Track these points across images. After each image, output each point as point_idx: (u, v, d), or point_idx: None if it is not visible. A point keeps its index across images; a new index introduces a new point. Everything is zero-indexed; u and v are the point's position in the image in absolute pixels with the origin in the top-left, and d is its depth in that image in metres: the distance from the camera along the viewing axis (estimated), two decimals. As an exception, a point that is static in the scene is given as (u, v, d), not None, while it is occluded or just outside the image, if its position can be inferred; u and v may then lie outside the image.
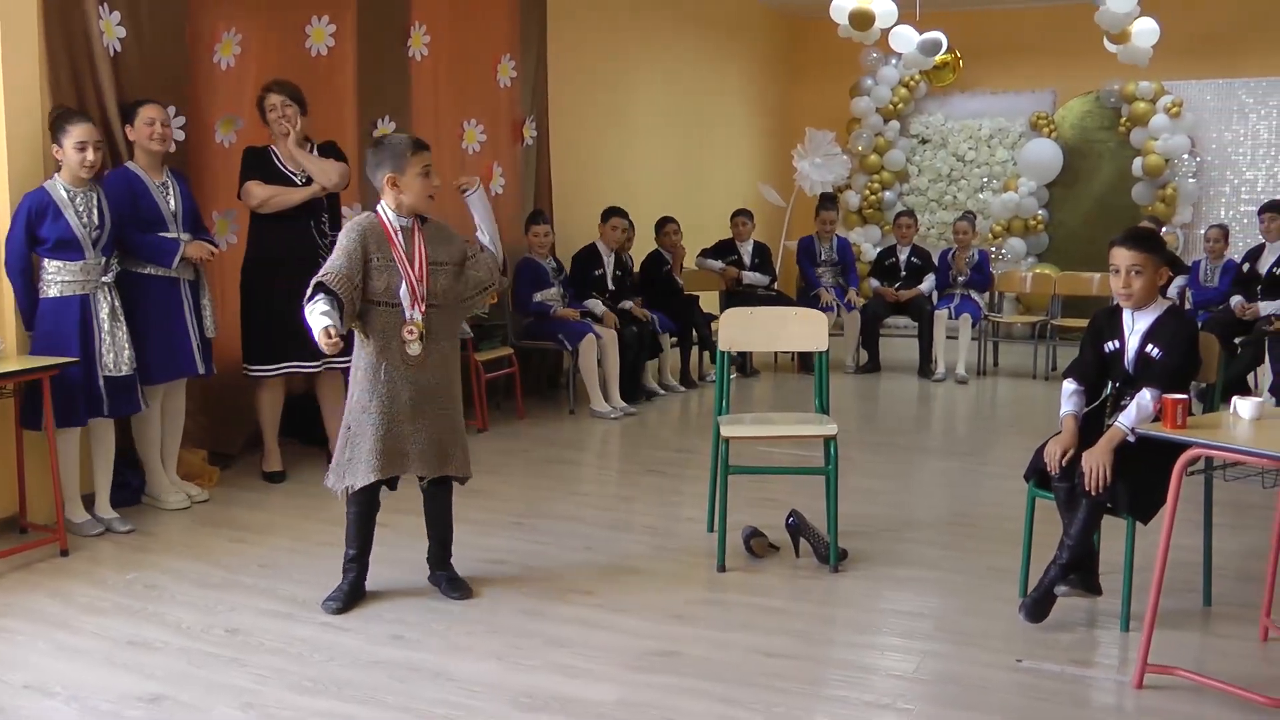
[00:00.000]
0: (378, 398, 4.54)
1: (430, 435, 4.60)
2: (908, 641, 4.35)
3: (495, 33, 8.96)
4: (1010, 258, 13.38)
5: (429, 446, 4.61)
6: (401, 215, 4.60)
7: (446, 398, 4.67)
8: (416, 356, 4.55)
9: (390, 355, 4.55)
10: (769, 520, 5.51)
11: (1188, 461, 3.79)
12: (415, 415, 4.57)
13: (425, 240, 4.62)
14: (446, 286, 4.64)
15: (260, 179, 6.36)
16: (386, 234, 4.57)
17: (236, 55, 6.77)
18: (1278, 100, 12.85)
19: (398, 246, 4.55)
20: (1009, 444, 7.86)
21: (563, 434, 8.15)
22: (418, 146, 4.61)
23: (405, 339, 4.53)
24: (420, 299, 4.55)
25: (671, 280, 10.17)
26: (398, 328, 4.54)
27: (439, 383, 4.63)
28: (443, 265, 4.64)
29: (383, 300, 4.53)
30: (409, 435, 4.57)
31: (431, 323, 4.59)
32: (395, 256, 4.54)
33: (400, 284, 4.53)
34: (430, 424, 4.60)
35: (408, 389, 4.55)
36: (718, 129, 13.30)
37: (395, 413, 4.55)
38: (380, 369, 4.55)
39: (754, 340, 5.94)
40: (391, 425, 4.55)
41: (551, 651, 4.20)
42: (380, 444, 4.54)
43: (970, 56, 13.97)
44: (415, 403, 4.56)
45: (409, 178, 4.56)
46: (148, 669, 4.02)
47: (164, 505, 5.97)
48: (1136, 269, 4.42)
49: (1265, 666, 4.13)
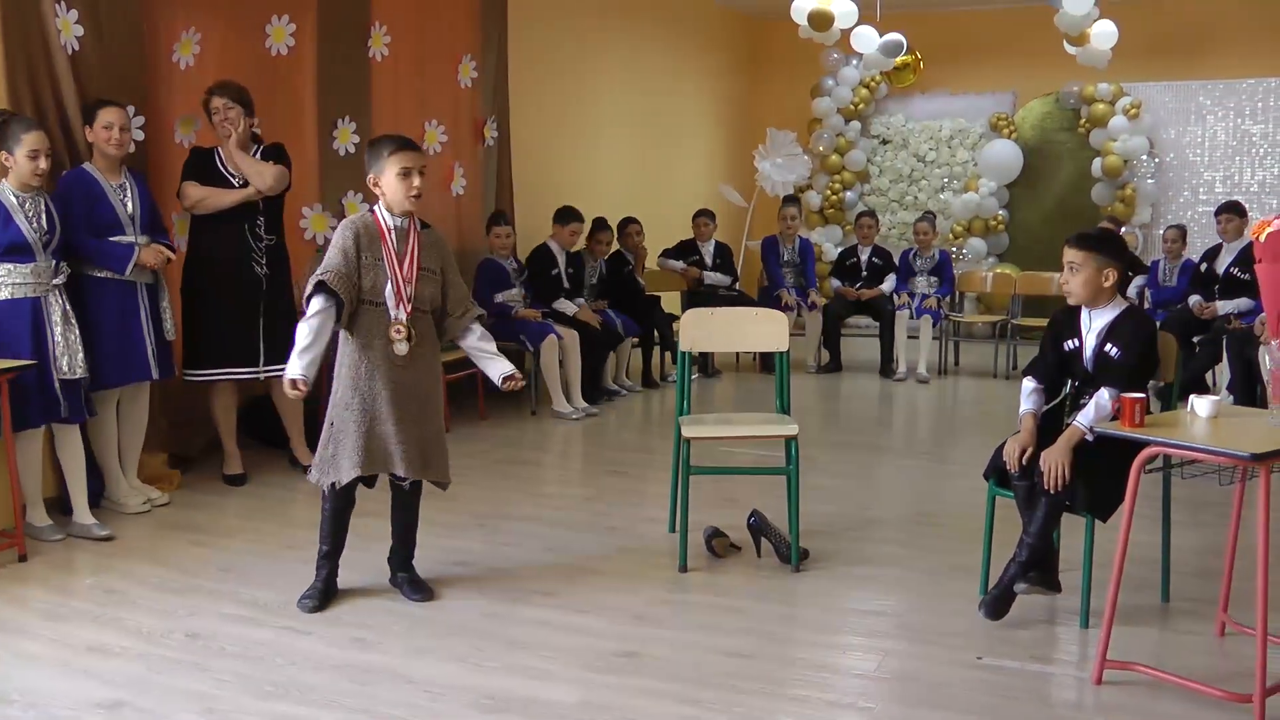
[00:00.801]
0: (359, 395, 4.54)
1: (413, 437, 4.60)
2: (869, 640, 4.37)
3: (456, 33, 8.94)
4: (971, 258, 13.44)
5: (411, 448, 4.59)
6: (395, 215, 4.59)
7: (428, 401, 4.67)
8: (402, 357, 4.55)
9: (372, 354, 4.54)
10: (730, 520, 5.51)
11: (1146, 459, 3.82)
12: (397, 415, 4.56)
13: (420, 244, 4.62)
14: (433, 294, 4.65)
15: (197, 180, 6.31)
16: (380, 232, 4.57)
17: (196, 55, 6.72)
18: (1235, 102, 12.96)
19: (389, 245, 4.55)
20: (969, 443, 7.90)
21: (524, 435, 8.13)
22: (399, 147, 4.57)
23: (392, 338, 4.53)
24: (406, 300, 4.55)
25: (633, 281, 10.16)
26: (381, 327, 4.54)
27: (420, 385, 4.62)
28: (432, 273, 4.65)
29: (368, 298, 4.53)
30: (392, 435, 4.56)
31: (416, 325, 4.59)
32: (385, 255, 4.54)
33: (386, 283, 4.53)
34: (412, 425, 4.59)
35: (388, 388, 4.54)
36: (679, 129, 13.31)
37: (377, 411, 4.55)
38: (361, 367, 4.55)
39: (715, 341, 5.95)
40: (374, 424, 4.55)
41: (513, 653, 4.19)
42: (364, 441, 4.54)
43: (931, 58, 14.02)
44: (396, 403, 4.55)
45: (388, 178, 4.55)
46: (107, 675, 3.99)
47: (124, 509, 5.92)
48: (1073, 266, 4.47)
49: (1222, 661, 4.17)
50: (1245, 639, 4.17)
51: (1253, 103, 12.88)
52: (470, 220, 9.13)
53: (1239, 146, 12.98)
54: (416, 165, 4.56)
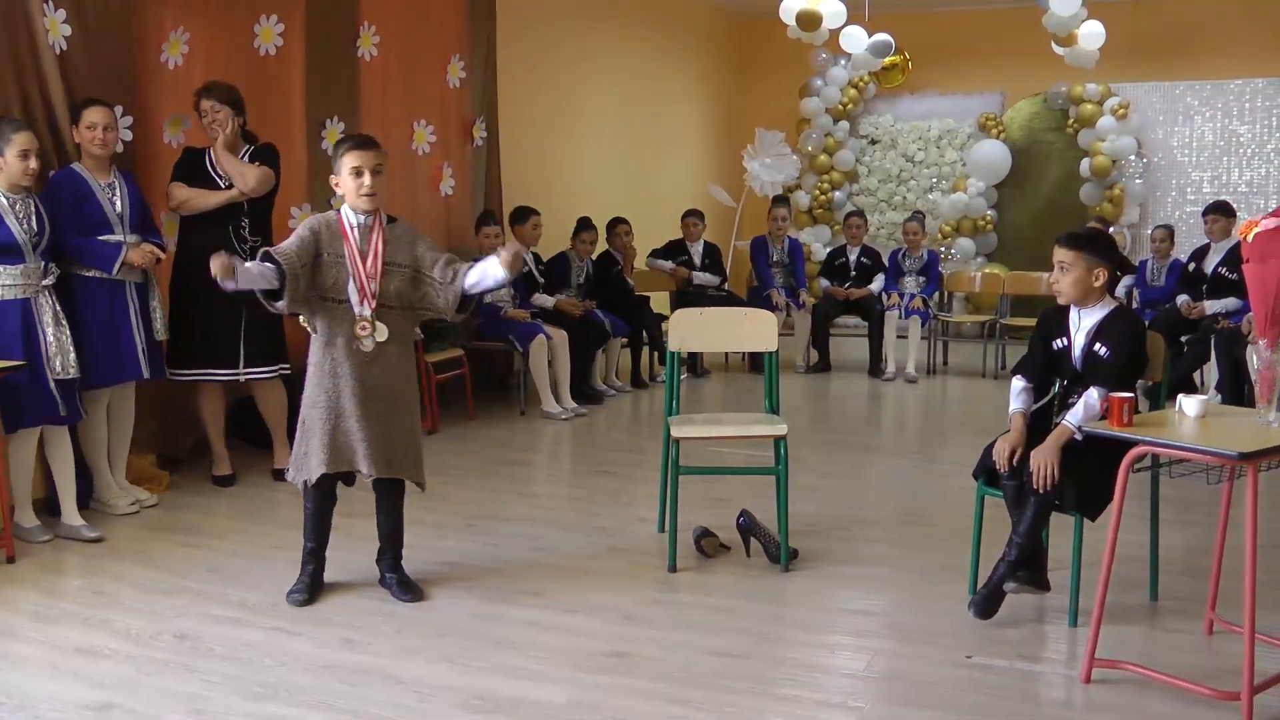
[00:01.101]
0: (324, 392, 4.56)
1: (377, 434, 4.58)
2: (858, 640, 4.37)
3: (444, 33, 8.93)
4: (959, 258, 13.46)
5: (375, 445, 4.58)
6: (358, 213, 4.59)
7: (395, 399, 4.65)
8: (368, 354, 4.54)
9: (336, 351, 4.55)
10: (720, 520, 5.51)
11: (1134, 459, 3.83)
12: (361, 412, 4.55)
13: (385, 240, 4.60)
14: (401, 289, 4.62)
15: (186, 181, 6.30)
16: (342, 230, 4.57)
17: (184, 55, 6.71)
18: (1223, 102, 13.01)
19: (351, 243, 4.54)
20: (958, 442, 7.91)
21: (514, 435, 8.13)
22: (351, 146, 4.59)
23: (358, 334, 4.53)
24: (370, 296, 4.53)
25: (622, 281, 10.16)
26: (345, 324, 4.54)
27: (386, 383, 4.61)
28: (400, 268, 4.62)
29: (331, 295, 4.53)
30: (356, 432, 4.56)
31: (382, 322, 4.57)
32: (347, 253, 4.53)
33: (349, 280, 4.52)
34: (377, 423, 4.58)
35: (352, 385, 4.54)
36: (668, 129, 13.31)
37: (341, 408, 4.56)
38: (326, 364, 4.56)
39: (704, 341, 5.96)
40: (339, 421, 4.56)
41: (502, 653, 4.19)
42: (328, 438, 4.55)
43: (919, 58, 14.03)
44: (360, 399, 4.55)
45: (342, 177, 4.57)
46: (96, 677, 3.98)
47: (112, 510, 5.90)
48: (1063, 265, 4.48)
49: (1210, 659, 4.18)
50: (1233, 637, 4.18)
51: (1240, 103, 12.93)
52: (459, 220, 9.12)
53: (1226, 147, 13.03)
54: (368, 164, 4.54)
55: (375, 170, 4.55)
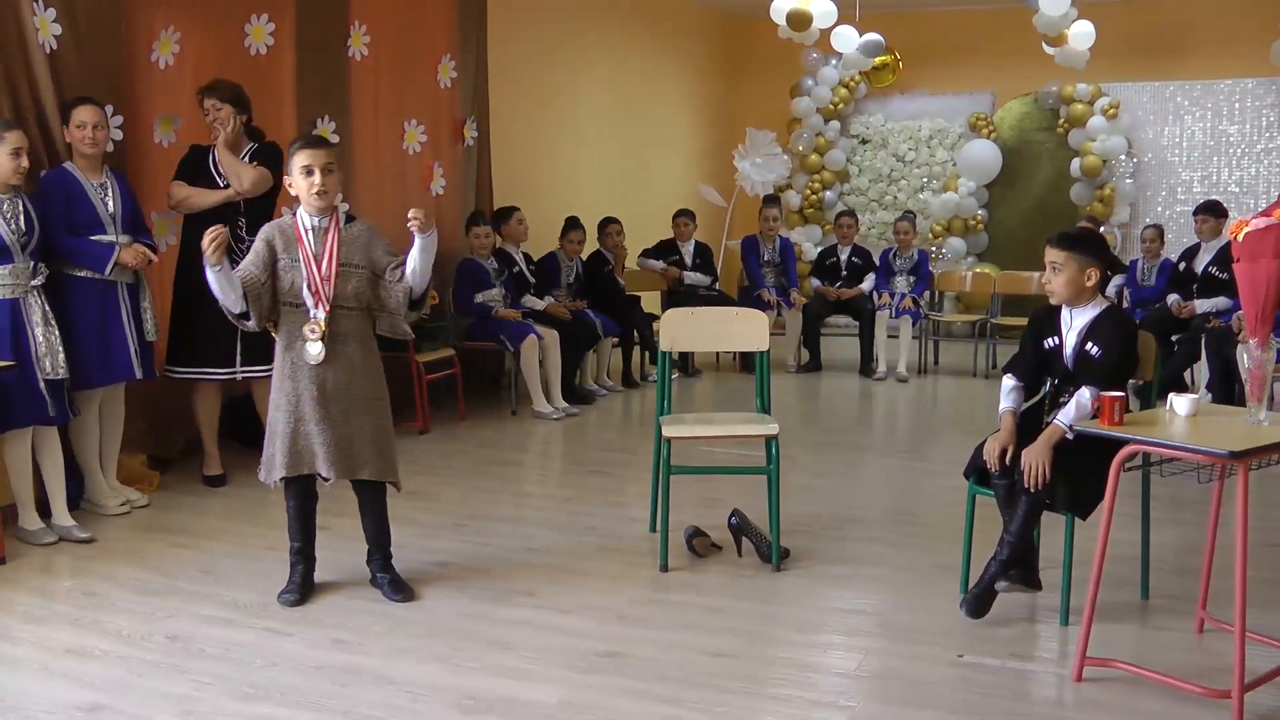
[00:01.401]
0: (284, 395, 4.58)
1: (336, 437, 4.58)
2: (850, 639, 4.37)
3: (435, 33, 8.93)
4: (950, 257, 13.48)
5: (334, 448, 4.58)
6: (312, 215, 4.58)
7: (358, 399, 4.62)
8: (318, 356, 4.53)
9: (295, 354, 4.56)
10: (711, 520, 5.51)
11: (1125, 458, 3.84)
12: (319, 415, 4.55)
13: (341, 241, 4.58)
14: (359, 290, 4.60)
15: (187, 179, 6.30)
16: (297, 234, 4.56)
17: (175, 54, 6.70)
18: (1213, 103, 13.03)
19: (306, 246, 4.54)
20: (949, 442, 7.91)
21: (505, 435, 8.12)
22: (301, 145, 4.58)
23: (306, 337, 4.52)
24: (325, 299, 4.52)
25: (613, 281, 10.16)
26: (302, 327, 4.54)
27: (345, 384, 4.59)
28: (356, 268, 4.60)
29: (288, 300, 4.55)
30: (315, 435, 4.57)
31: (339, 324, 4.56)
32: (302, 255, 4.53)
33: (304, 283, 4.52)
34: (336, 426, 4.58)
35: (311, 388, 4.55)
36: (658, 129, 13.31)
37: (300, 411, 4.56)
38: (286, 367, 4.58)
39: (695, 340, 5.96)
40: (298, 423, 4.57)
41: (494, 653, 4.19)
42: (288, 441, 4.57)
43: (910, 58, 14.04)
44: (319, 402, 4.55)
45: (294, 177, 4.56)
46: (87, 678, 3.97)
47: (103, 511, 5.89)
48: (1055, 266, 4.49)
49: (1201, 657, 4.19)
50: (1224, 635, 4.19)
51: (1230, 103, 12.96)
52: (450, 220, 9.11)
53: (1216, 146, 13.06)
54: (318, 162, 4.52)
55: (326, 169, 4.53)
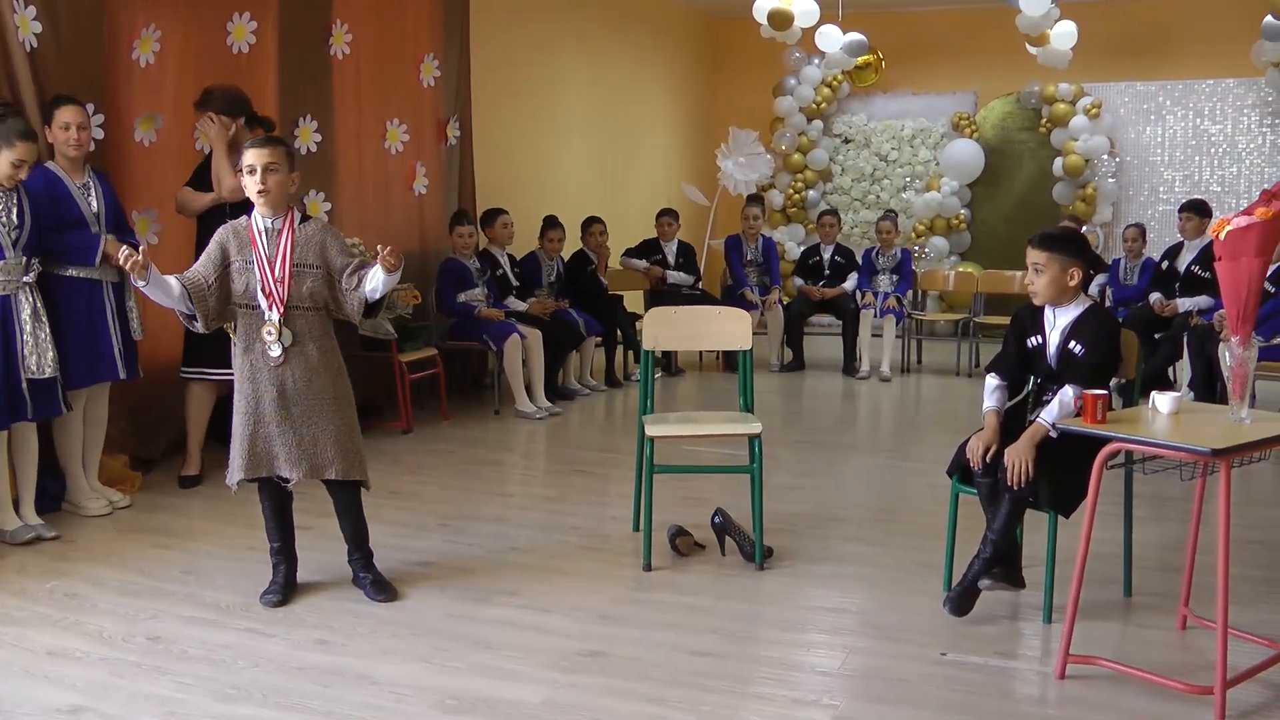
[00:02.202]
0: (244, 398, 4.56)
1: (299, 438, 4.56)
2: (833, 637, 4.37)
3: (418, 32, 8.92)
4: (933, 256, 13.51)
5: (296, 449, 4.56)
6: (267, 216, 4.57)
7: (318, 400, 4.59)
8: (277, 358, 4.52)
9: (253, 356, 4.55)
10: (694, 519, 5.51)
11: (1108, 456, 3.84)
12: (281, 417, 4.54)
13: (295, 242, 4.56)
14: (314, 289, 4.57)
15: (196, 183, 6.35)
16: (251, 235, 4.55)
17: (156, 52, 6.68)
18: (1194, 102, 13.09)
19: (259, 248, 4.52)
20: (932, 440, 7.93)
21: (488, 435, 8.11)
22: (249, 145, 4.58)
23: (264, 339, 4.52)
24: (279, 301, 4.50)
25: (596, 280, 10.15)
26: (258, 329, 4.52)
27: (306, 385, 4.56)
28: (311, 268, 4.56)
29: (243, 302, 4.53)
30: (275, 436, 4.56)
31: (295, 324, 4.54)
32: (255, 257, 4.51)
33: (258, 286, 4.51)
34: (299, 426, 4.56)
35: (270, 390, 4.53)
36: (641, 128, 13.31)
37: (260, 413, 4.55)
38: (245, 370, 4.56)
39: (678, 339, 5.96)
40: (257, 426, 4.55)
41: (478, 653, 4.18)
42: (247, 444, 4.56)
43: (892, 57, 14.07)
44: (279, 404, 4.54)
45: (242, 176, 4.56)
46: (68, 680, 3.95)
47: (85, 512, 5.85)
48: (1038, 267, 4.49)
49: (1183, 654, 4.20)
50: (1206, 632, 4.20)
51: (1211, 103, 13.02)
52: (433, 220, 9.10)
53: (1198, 146, 13.11)
54: (260, 162, 4.50)
55: (268, 168, 4.50)
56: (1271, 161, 12.81)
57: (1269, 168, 12.79)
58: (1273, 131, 12.81)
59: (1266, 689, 3.87)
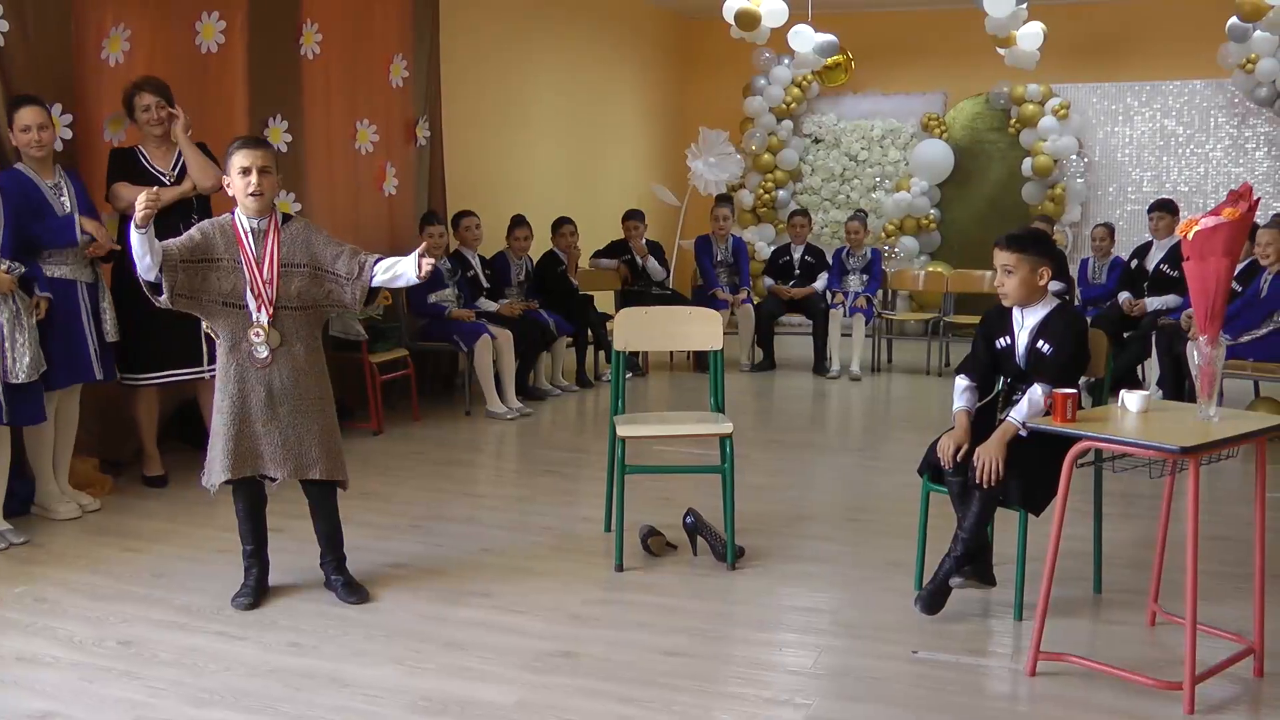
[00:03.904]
0: (228, 398, 4.53)
1: (285, 437, 4.56)
2: (805, 637, 4.38)
3: (387, 32, 8.88)
4: (903, 256, 13.55)
5: (282, 449, 4.56)
6: (252, 217, 4.55)
7: (304, 400, 4.59)
8: (264, 359, 4.51)
9: (239, 356, 4.53)
10: (666, 519, 5.51)
11: (1078, 454, 3.87)
12: (267, 416, 4.53)
13: (281, 242, 4.56)
14: (302, 289, 4.57)
15: (128, 181, 6.18)
16: (237, 235, 4.53)
17: (125, 52, 6.62)
18: (1161, 103, 13.17)
19: (246, 249, 4.51)
20: (903, 439, 7.95)
21: (459, 435, 8.10)
22: (239, 145, 4.56)
23: (252, 340, 4.50)
24: (268, 302, 4.50)
25: (566, 280, 10.14)
26: (245, 329, 4.51)
27: (294, 384, 4.56)
28: (298, 268, 4.57)
29: (230, 301, 4.50)
30: (261, 435, 4.55)
31: (283, 325, 4.53)
32: (243, 258, 4.50)
33: (246, 287, 4.49)
34: (285, 426, 4.56)
35: (258, 390, 4.52)
36: (611, 128, 13.30)
37: (246, 413, 4.53)
38: (230, 370, 4.54)
39: (649, 340, 5.95)
40: (242, 425, 4.53)
41: (450, 654, 4.17)
42: (231, 443, 4.53)
43: (862, 58, 14.10)
44: (266, 404, 4.53)
45: (231, 176, 4.54)
46: (38, 685, 3.92)
47: (54, 515, 5.80)
48: (1008, 269, 4.51)
49: (1153, 650, 4.23)
50: (1175, 628, 4.23)
51: (1178, 104, 13.11)
52: (403, 220, 9.07)
53: (1165, 146, 13.20)
54: (255, 163, 4.50)
55: (263, 170, 4.51)
56: (1238, 162, 12.90)
57: (1235, 168, 12.88)
58: (1239, 132, 12.90)
59: (1235, 683, 3.91)
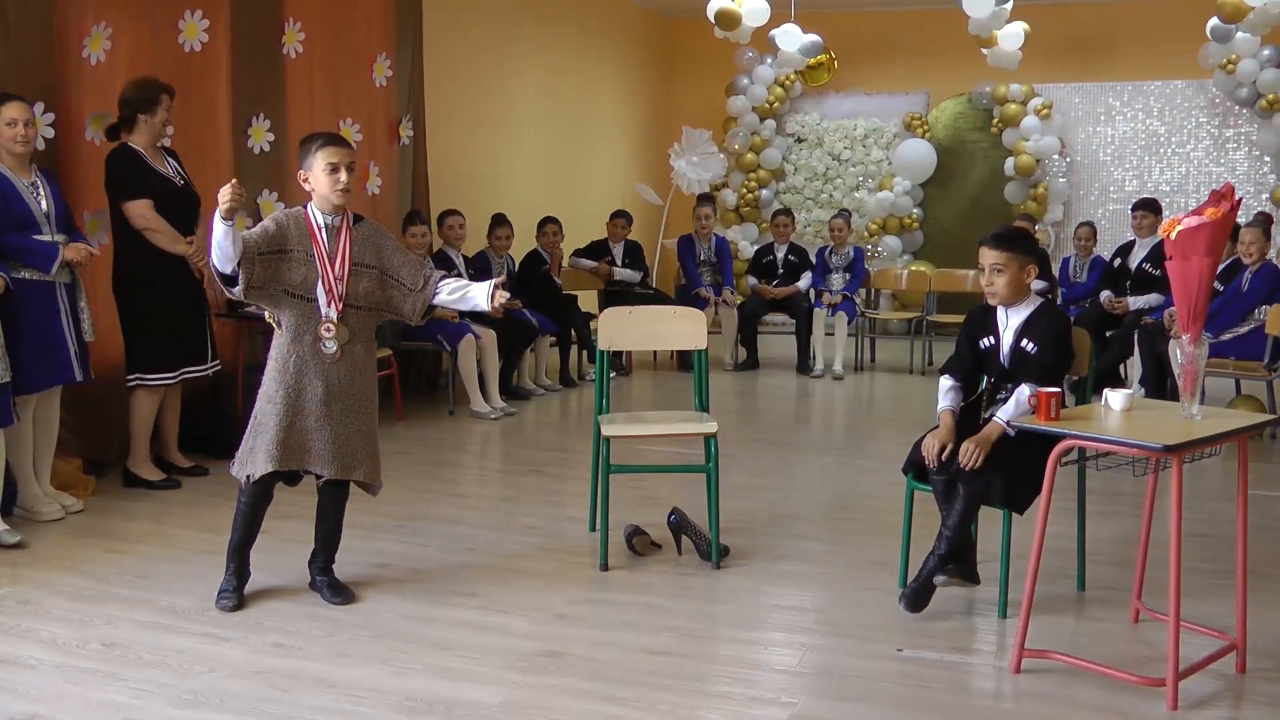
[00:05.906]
0: (284, 389, 4.51)
1: (335, 434, 4.56)
2: (790, 635, 4.39)
3: (370, 31, 8.88)
4: (886, 255, 13.58)
5: (332, 446, 4.56)
6: (326, 213, 4.56)
7: (356, 399, 4.61)
8: (332, 354, 4.51)
9: (301, 349, 4.52)
10: (651, 518, 5.51)
11: (1062, 452, 3.88)
12: (322, 413, 4.53)
13: (353, 241, 4.58)
14: (369, 290, 4.61)
15: (132, 182, 6.14)
16: (310, 229, 4.54)
17: (107, 50, 6.60)
18: (1143, 103, 13.23)
19: (320, 243, 4.52)
20: (886, 438, 7.97)
21: (443, 435, 8.09)
22: (326, 142, 4.57)
23: (322, 336, 4.51)
24: (338, 298, 4.52)
25: (549, 280, 10.14)
26: (311, 323, 4.52)
27: (349, 383, 4.58)
28: (368, 268, 4.61)
29: (298, 293, 4.50)
30: (313, 431, 4.54)
31: (349, 323, 4.56)
32: (317, 253, 4.50)
33: (318, 281, 4.50)
34: (336, 423, 4.56)
35: (316, 385, 4.52)
36: (595, 128, 13.31)
37: (300, 406, 4.52)
38: (290, 361, 4.52)
39: (633, 339, 5.95)
40: (295, 419, 4.52)
41: (435, 655, 4.17)
42: (282, 435, 4.50)
43: (845, 57, 14.12)
44: (323, 400, 4.53)
45: (315, 173, 4.54)
46: (22, 688, 3.90)
47: (37, 517, 5.76)
48: (997, 268, 4.52)
49: (1136, 647, 4.25)
50: (1158, 625, 4.25)
51: (1160, 104, 13.17)
52: (386, 220, 9.03)
53: (1147, 146, 13.25)
54: (344, 160, 4.53)
55: (349, 167, 4.56)
56: (1219, 161, 12.97)
57: (1216, 168, 12.94)
58: (1220, 132, 12.95)
59: (1218, 680, 3.93)
